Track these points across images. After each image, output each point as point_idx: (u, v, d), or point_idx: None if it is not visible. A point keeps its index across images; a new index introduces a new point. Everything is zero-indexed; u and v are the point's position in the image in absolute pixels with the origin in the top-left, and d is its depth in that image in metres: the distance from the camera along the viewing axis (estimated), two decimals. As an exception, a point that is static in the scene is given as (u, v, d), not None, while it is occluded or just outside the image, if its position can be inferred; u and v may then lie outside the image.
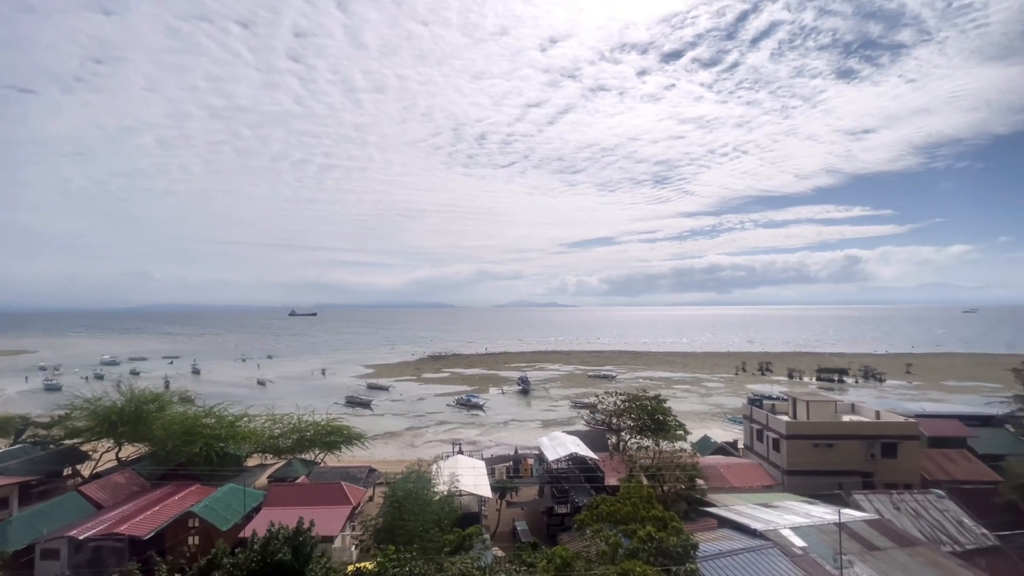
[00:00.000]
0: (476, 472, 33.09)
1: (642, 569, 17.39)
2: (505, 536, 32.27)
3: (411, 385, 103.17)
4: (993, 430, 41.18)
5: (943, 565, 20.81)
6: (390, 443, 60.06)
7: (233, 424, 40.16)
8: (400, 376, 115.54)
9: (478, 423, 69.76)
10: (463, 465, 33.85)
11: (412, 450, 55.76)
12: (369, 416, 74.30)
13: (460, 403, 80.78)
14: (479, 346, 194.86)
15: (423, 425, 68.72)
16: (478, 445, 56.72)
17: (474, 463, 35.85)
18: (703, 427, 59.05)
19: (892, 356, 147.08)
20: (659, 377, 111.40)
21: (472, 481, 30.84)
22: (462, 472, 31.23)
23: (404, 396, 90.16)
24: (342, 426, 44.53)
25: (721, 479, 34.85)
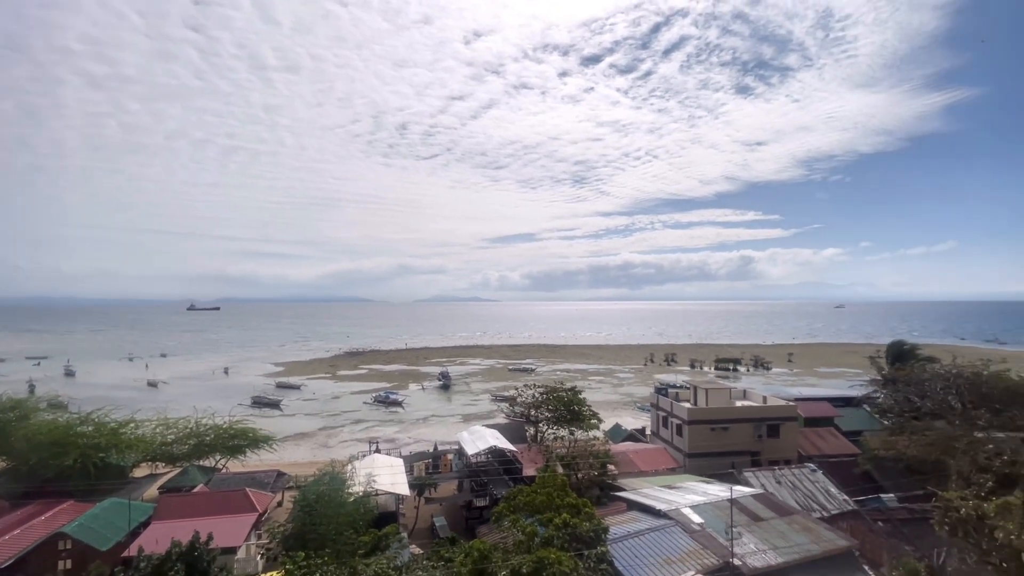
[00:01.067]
0: (394, 470, 32.41)
1: (556, 556, 18.06)
2: (424, 533, 32.01)
3: (325, 383, 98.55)
4: (854, 410, 47.44)
5: (813, 530, 23.71)
6: (302, 444, 57.05)
7: (116, 431, 36.02)
8: (313, 374, 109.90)
9: (397, 420, 68.29)
10: (380, 464, 33.02)
11: (326, 451, 53.38)
12: (278, 417, 69.96)
13: (378, 400, 78.53)
14: (399, 341, 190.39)
15: (338, 424, 65.98)
16: (397, 443, 55.55)
17: (392, 461, 35.08)
18: (615, 416, 62.24)
19: (777, 346, 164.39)
20: (575, 369, 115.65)
21: (389, 480, 30.18)
22: (379, 471, 30.46)
23: (318, 395, 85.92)
24: (247, 428, 41.56)
25: (630, 464, 37.00)
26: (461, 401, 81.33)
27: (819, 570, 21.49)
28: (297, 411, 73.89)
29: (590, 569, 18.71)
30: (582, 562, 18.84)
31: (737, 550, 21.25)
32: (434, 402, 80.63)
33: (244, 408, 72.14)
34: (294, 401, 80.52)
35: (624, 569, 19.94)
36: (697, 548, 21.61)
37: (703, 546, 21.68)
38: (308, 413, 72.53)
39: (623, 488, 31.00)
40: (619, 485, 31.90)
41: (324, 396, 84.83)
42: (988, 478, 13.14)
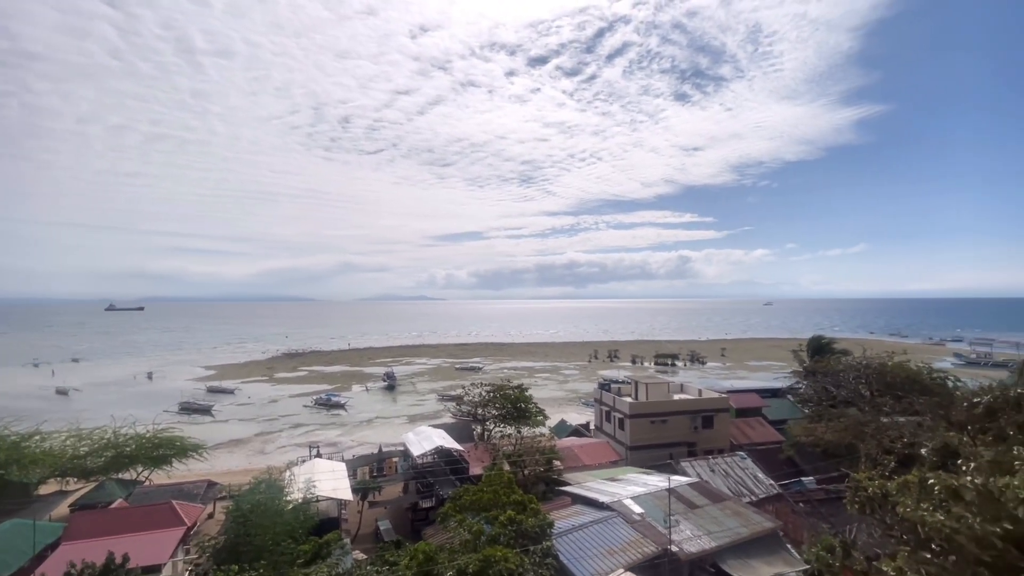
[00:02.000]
0: (336, 475, 31.36)
1: (502, 553, 18.19)
2: (368, 538, 31.21)
3: (262, 386, 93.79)
4: (779, 400, 50.85)
5: (743, 514, 25.24)
6: (236, 452, 54.01)
7: (18, 445, 32.59)
8: (249, 377, 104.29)
9: (339, 423, 66.12)
10: (321, 469, 31.86)
11: (263, 457, 50.84)
12: (210, 423, 65.84)
13: (319, 403, 75.68)
14: (342, 342, 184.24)
15: (276, 429, 62.99)
16: (339, 446, 53.79)
17: (333, 466, 33.94)
18: (560, 412, 63.33)
19: (711, 342, 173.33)
20: (522, 367, 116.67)
21: (331, 485, 29.19)
22: (320, 476, 29.39)
23: (253, 399, 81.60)
24: (173, 437, 38.82)
25: (575, 459, 37.82)
26: (407, 402, 79.92)
27: (748, 551, 22.93)
28: (231, 416, 69.85)
29: (536, 564, 18.97)
30: (528, 558, 19.07)
31: (675, 537, 22.28)
32: (379, 403, 78.74)
33: (171, 415, 67.35)
34: (227, 406, 76.05)
35: (569, 562, 20.37)
36: (638, 537, 22.46)
37: (643, 535, 22.55)
38: (243, 418, 68.75)
39: (568, 482, 31.64)
40: (565, 480, 32.51)
41: (261, 400, 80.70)
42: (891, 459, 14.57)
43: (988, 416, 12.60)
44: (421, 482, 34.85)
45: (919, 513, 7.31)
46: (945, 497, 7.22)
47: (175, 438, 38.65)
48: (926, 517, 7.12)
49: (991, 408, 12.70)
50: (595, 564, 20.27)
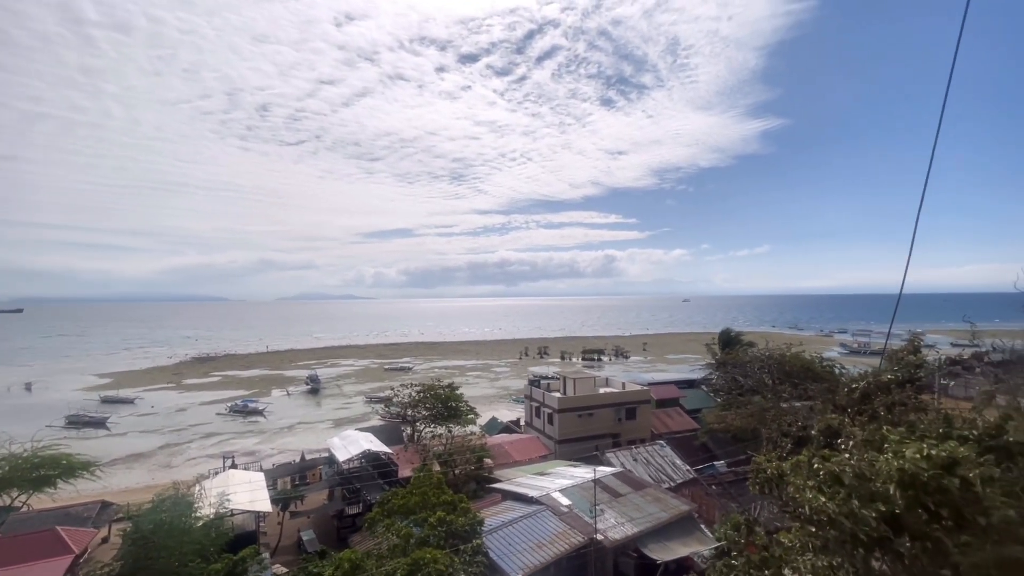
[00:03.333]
0: (253, 486, 29.48)
1: (432, 554, 18.02)
2: (290, 550, 29.71)
3: (168, 394, 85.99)
4: (695, 390, 54.50)
5: (662, 499, 26.78)
6: (136, 468, 49.18)
7: None
8: (152, 384, 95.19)
9: (257, 431, 62.17)
10: (236, 480, 29.82)
11: (168, 472, 46.69)
12: (105, 437, 59.42)
13: (234, 410, 70.65)
14: (260, 344, 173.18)
15: (184, 441, 58.06)
16: (257, 455, 50.63)
17: (250, 476, 31.88)
18: (492, 409, 63.74)
19: (634, 337, 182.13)
20: (454, 366, 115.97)
21: (247, 497, 27.42)
22: (235, 488, 27.52)
23: (158, 408, 74.59)
24: (58, 455, 34.51)
25: (506, 455, 38.21)
26: (332, 405, 76.72)
27: (667, 533, 24.37)
28: (130, 429, 63.40)
29: (466, 563, 18.99)
30: (458, 557, 19.04)
31: (600, 526, 23.20)
32: (301, 408, 74.93)
33: (56, 430, 59.88)
34: (126, 417, 68.94)
35: (498, 559, 20.57)
36: (566, 529, 23.13)
37: (570, 526, 23.27)
38: (145, 430, 62.64)
39: (499, 479, 31.93)
40: (495, 477, 32.75)
41: (166, 409, 73.93)
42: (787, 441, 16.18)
43: (864, 399, 14.37)
44: (347, 488, 33.69)
45: (806, 495, 8.15)
46: (828, 480, 8.12)
47: (60, 456, 34.37)
48: (810, 499, 7.96)
49: (866, 392, 14.49)
50: (524, 558, 20.64)
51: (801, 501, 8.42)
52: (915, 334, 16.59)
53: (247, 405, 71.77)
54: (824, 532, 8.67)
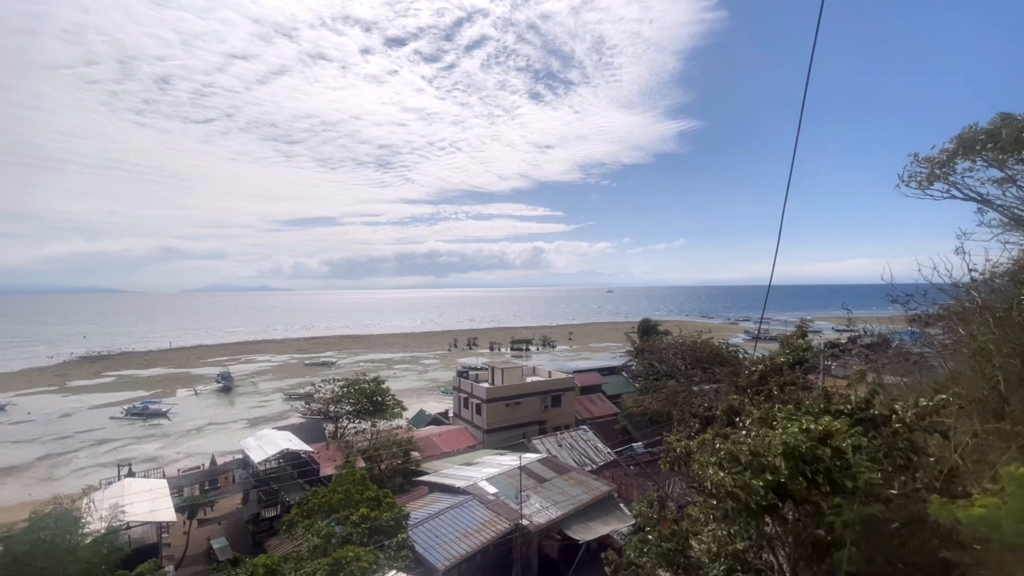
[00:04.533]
0: (154, 494, 27.03)
1: (355, 552, 17.55)
2: (199, 560, 27.73)
3: (50, 398, 76.33)
4: (616, 377, 57.15)
5: (584, 482, 27.91)
6: (7, 483, 43.34)
7: None
8: (29, 388, 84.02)
9: (161, 434, 57.00)
10: (134, 490, 27.16)
11: (50, 485, 41.64)
12: (-34, 451, 51.77)
13: (133, 413, 64.21)
14: (163, 340, 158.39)
15: (70, 449, 51.96)
16: (160, 461, 46.49)
17: (151, 484, 29.18)
18: (420, 402, 62.92)
19: (561, 327, 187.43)
20: (380, 359, 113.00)
21: (148, 507, 25.11)
22: (132, 499, 25.09)
23: (35, 414, 66.04)
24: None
25: (434, 447, 37.99)
26: (247, 404, 71.98)
27: (588, 514, 25.47)
28: (0, 439, 55.68)
29: (391, 558, 18.70)
30: (383, 553, 18.70)
31: (526, 511, 23.77)
32: (211, 408, 69.61)
33: (-100, 445, 51.34)
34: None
35: (424, 551, 20.47)
36: (492, 517, 23.46)
37: (497, 514, 23.63)
38: (19, 440, 55.27)
39: (426, 472, 31.70)
40: (423, 470, 32.48)
41: (46, 415, 65.60)
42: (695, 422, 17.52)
43: (761, 380, 15.87)
44: (264, 490, 31.90)
45: (708, 471, 8.86)
46: (727, 457, 8.87)
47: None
48: (711, 475, 8.66)
49: (763, 374, 16.01)
50: (450, 549, 20.69)
51: (704, 477, 9.14)
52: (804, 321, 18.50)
53: (148, 407, 65.48)
54: (724, 504, 9.49)
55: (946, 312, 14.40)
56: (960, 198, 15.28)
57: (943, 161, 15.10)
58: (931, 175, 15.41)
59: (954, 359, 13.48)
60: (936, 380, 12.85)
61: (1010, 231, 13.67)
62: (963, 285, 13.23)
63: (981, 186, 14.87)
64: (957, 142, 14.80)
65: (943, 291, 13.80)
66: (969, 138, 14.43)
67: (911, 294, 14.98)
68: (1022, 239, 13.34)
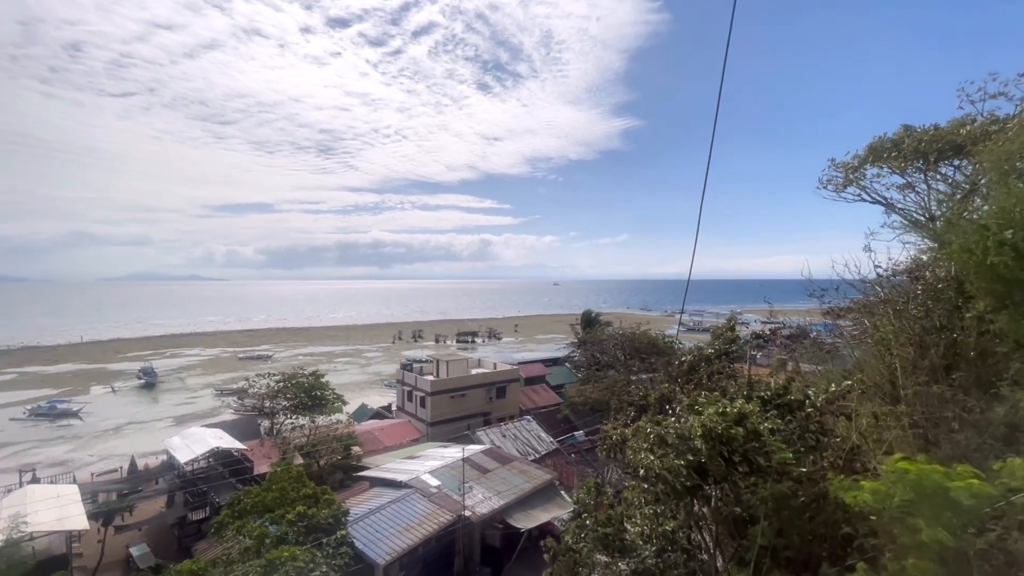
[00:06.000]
0: (62, 501, 24.85)
1: (290, 552, 16.98)
2: (115, 568, 25.84)
3: (-66, 399, 68.10)
4: (559, 367, 58.30)
5: (527, 471, 28.38)
6: None
7: None
8: (-92, 388, 74.51)
9: (70, 436, 52.33)
10: (38, 497, 24.84)
11: (-64, 496, 37.16)
12: None
13: (38, 414, 58.52)
14: (74, 334, 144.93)
15: (-39, 455, 46.69)
16: (70, 464, 42.74)
17: (59, 490, 26.77)
18: (362, 396, 61.47)
19: (507, 319, 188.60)
20: (320, 352, 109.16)
21: (55, 515, 23.06)
22: (36, 507, 22.94)
23: (-83, 418, 58.74)
24: None
25: (376, 442, 37.27)
26: (172, 401, 67.44)
27: (530, 502, 25.95)
28: None
29: (328, 556, 18.23)
30: (320, 551, 18.20)
31: (468, 502, 23.87)
32: (132, 406, 64.68)
33: None
34: None
35: (364, 547, 20.12)
36: (434, 509, 23.38)
37: (439, 506, 23.58)
38: None
39: (368, 467, 31.06)
40: (364, 465, 31.80)
41: (-68, 419, 58.54)
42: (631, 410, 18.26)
43: (691, 370, 16.77)
44: (191, 492, 30.13)
45: (640, 456, 9.27)
46: (657, 442, 9.31)
47: None
48: (643, 459, 9.07)
49: (693, 364, 16.91)
50: (390, 543, 20.46)
51: (637, 461, 9.56)
52: (733, 313, 19.66)
53: (55, 406, 59.85)
54: (654, 486, 9.96)
55: (855, 305, 15.71)
56: (869, 201, 16.79)
57: (855, 167, 16.52)
58: (846, 179, 16.82)
59: (860, 348, 14.77)
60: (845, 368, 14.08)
61: (909, 232, 15.08)
62: (869, 281, 14.43)
63: (887, 191, 16.40)
64: (868, 150, 16.24)
65: (853, 286, 14.99)
66: (878, 147, 15.86)
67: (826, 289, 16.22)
68: (919, 240, 14.74)
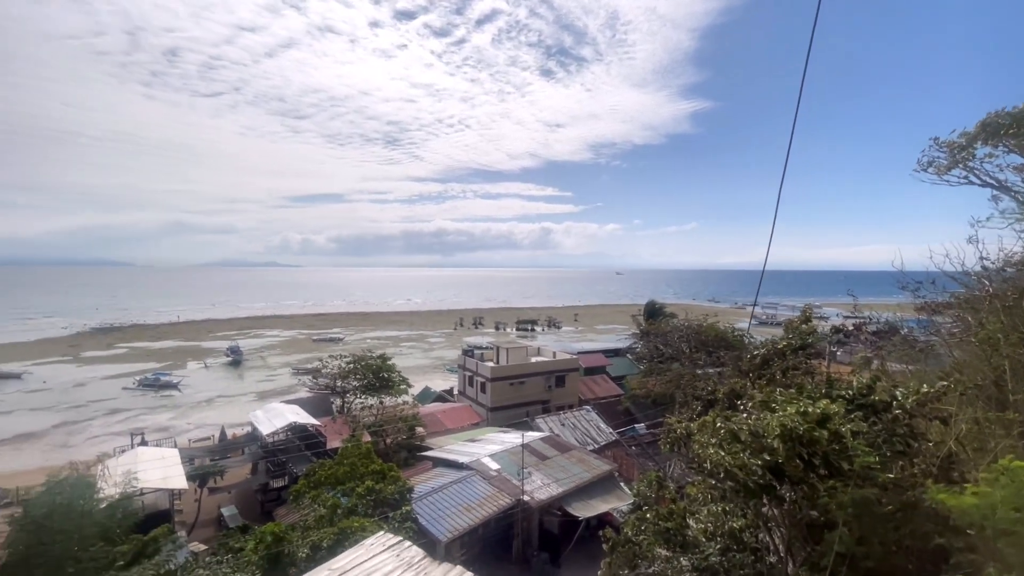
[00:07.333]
0: (166, 463, 27.81)
1: (360, 523, 18.02)
2: (209, 526, 28.66)
3: (64, 368, 78.08)
4: (620, 358, 57.36)
5: (586, 460, 28.29)
6: (25, 448, 44.69)
7: None
8: (44, 358, 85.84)
9: (172, 405, 58.29)
10: (146, 458, 27.95)
11: (66, 452, 42.85)
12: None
13: (144, 384, 65.61)
14: (172, 314, 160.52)
15: (85, 418, 53.32)
16: (172, 431, 47.61)
17: (163, 453, 30.01)
18: (425, 379, 63.68)
19: (567, 308, 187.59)
20: (387, 336, 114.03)
21: (160, 474, 25.87)
22: (145, 466, 25.83)
23: (51, 383, 67.65)
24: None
25: (438, 423, 38.58)
26: (255, 377, 73.25)
27: (589, 492, 25.88)
28: (16, 406, 57.18)
29: (394, 530, 19.18)
30: (387, 525, 19.18)
31: (527, 488, 24.20)
32: (221, 381, 70.93)
33: (-78, 410, 52.97)
34: (10, 394, 62.01)
35: (427, 523, 20.97)
36: (494, 492, 23.92)
37: (499, 489, 24.09)
38: (35, 407, 56.79)
39: (431, 447, 32.27)
40: (427, 445, 33.06)
41: (61, 384, 67.22)
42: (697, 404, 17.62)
43: (764, 364, 15.90)
44: (272, 461, 32.70)
45: (708, 451, 8.95)
46: (727, 437, 8.94)
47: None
48: (711, 454, 8.75)
49: (766, 358, 16.02)
50: (452, 522, 21.18)
51: (704, 457, 9.25)
52: (809, 306, 18.42)
53: (159, 378, 66.87)
54: (722, 484, 9.60)
55: (956, 300, 14.23)
56: (977, 184, 14.96)
57: (963, 146, 14.76)
58: (951, 160, 15.08)
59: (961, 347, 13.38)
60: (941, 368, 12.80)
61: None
62: (974, 273, 13.02)
63: (1000, 172, 14.55)
64: (979, 127, 14.42)
65: (954, 279, 13.58)
66: (993, 123, 14.05)
67: (921, 281, 14.79)
68: (1037, 228, 13.05)
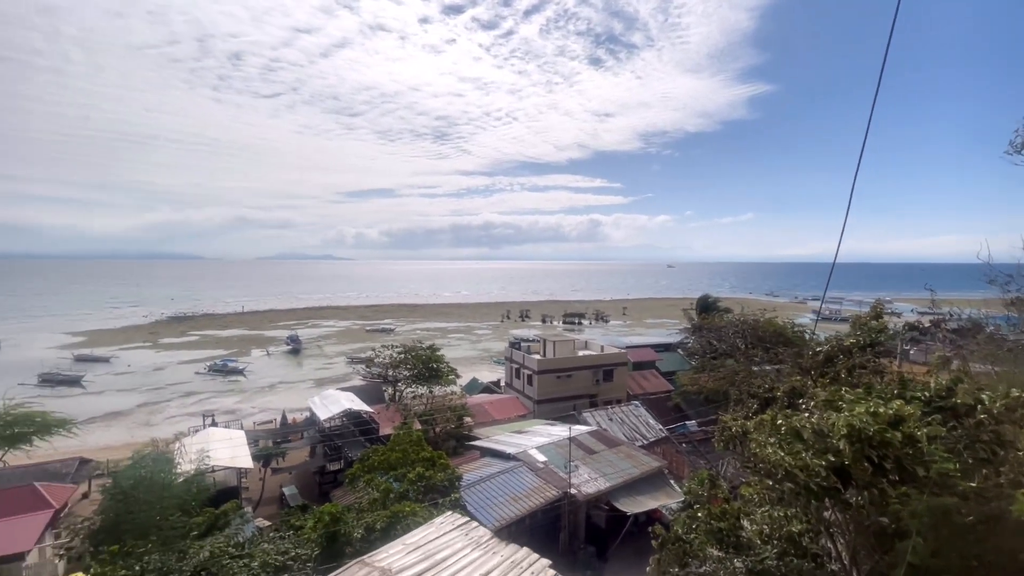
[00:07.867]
0: (234, 443, 29.78)
1: (411, 508, 18.61)
2: (272, 504, 30.40)
3: (144, 353, 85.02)
4: (671, 354, 55.92)
5: (634, 456, 27.87)
6: (114, 425, 49.07)
7: None
8: (127, 343, 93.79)
9: (238, 390, 62.24)
10: (217, 438, 30.04)
11: (147, 430, 46.72)
12: (80, 395, 58.90)
13: (214, 370, 70.40)
14: (238, 304, 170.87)
15: (163, 399, 57.90)
16: (238, 414, 50.92)
17: (231, 434, 32.17)
18: (473, 370, 64.69)
19: (615, 301, 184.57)
20: (435, 328, 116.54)
21: (229, 454, 27.74)
22: (215, 446, 27.76)
23: (134, 367, 73.86)
24: (32, 412, 34.13)
25: (486, 414, 39.09)
26: (313, 365, 76.92)
27: (637, 488, 25.51)
28: (106, 387, 62.85)
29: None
30: (437, 511, 19.71)
31: (574, 481, 24.14)
32: (281, 368, 74.99)
33: (29, 389, 59.16)
34: (101, 376, 68.21)
35: (475, 511, 21.35)
36: (541, 484, 24.03)
37: (546, 481, 24.17)
38: (122, 389, 62.20)
39: (478, 437, 32.77)
40: (475, 435, 33.60)
41: (143, 368, 73.26)
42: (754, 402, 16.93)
43: (827, 362, 15.02)
44: (329, 445, 34.26)
45: (766, 450, 8.58)
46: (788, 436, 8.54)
47: (34, 413, 33.99)
48: (770, 454, 8.39)
49: (829, 355, 15.13)
50: (500, 511, 21.47)
51: (761, 456, 8.88)
52: (880, 301, 17.20)
53: (227, 364, 71.54)
54: (780, 485, 9.19)
55: (1052, 295, 12.88)
56: (1080, 167, 13.43)
57: (1064, 123, 13.26)
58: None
59: (1058, 347, 12.13)
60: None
61: None
62: (1076, 266, 11.73)
63: (1108, 154, 12.98)
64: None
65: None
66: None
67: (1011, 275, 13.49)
68: None
